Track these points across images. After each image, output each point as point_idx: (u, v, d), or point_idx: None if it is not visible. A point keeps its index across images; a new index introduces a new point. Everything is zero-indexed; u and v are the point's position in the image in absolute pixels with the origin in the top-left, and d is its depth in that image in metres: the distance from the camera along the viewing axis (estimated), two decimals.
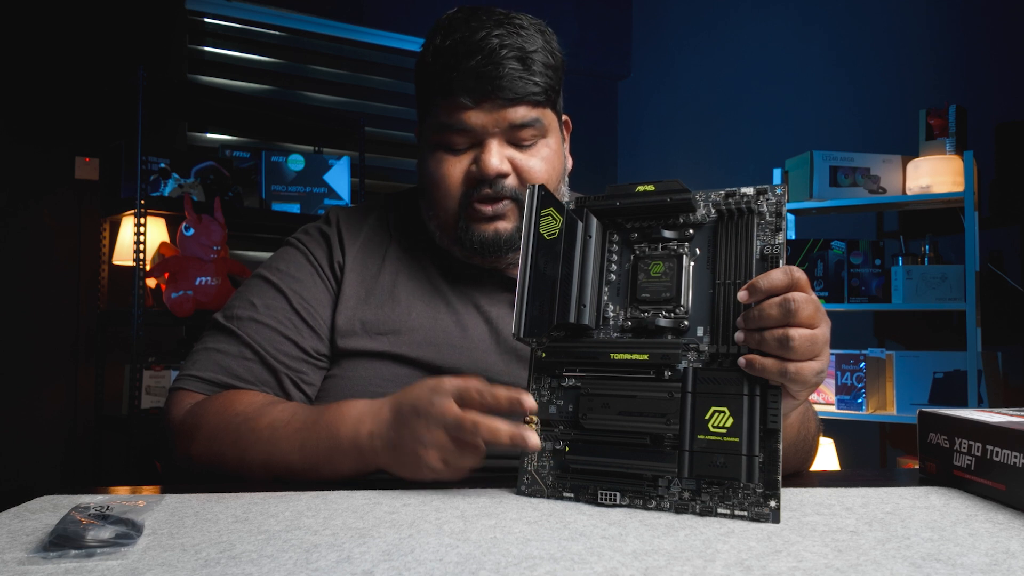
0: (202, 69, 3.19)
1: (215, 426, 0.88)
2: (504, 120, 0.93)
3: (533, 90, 0.93)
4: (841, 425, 2.79)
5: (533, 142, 0.97)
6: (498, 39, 0.92)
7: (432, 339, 0.97)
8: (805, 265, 2.78)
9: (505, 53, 0.91)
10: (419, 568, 0.53)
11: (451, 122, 0.94)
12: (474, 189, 0.95)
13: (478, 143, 0.95)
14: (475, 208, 0.96)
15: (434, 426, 0.73)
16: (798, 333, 0.66)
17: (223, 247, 2.55)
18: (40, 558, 0.54)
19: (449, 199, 0.97)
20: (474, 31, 0.92)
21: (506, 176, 0.95)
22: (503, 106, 0.93)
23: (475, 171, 0.95)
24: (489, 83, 0.91)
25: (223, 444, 0.87)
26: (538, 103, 0.95)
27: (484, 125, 0.93)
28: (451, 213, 0.98)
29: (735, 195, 0.75)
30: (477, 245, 0.97)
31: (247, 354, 0.96)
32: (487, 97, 0.92)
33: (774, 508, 0.66)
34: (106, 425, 2.70)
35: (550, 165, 0.98)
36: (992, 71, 2.79)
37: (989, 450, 0.74)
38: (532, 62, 0.93)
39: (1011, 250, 2.74)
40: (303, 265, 1.02)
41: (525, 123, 0.94)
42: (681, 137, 3.80)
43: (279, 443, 0.83)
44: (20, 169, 2.71)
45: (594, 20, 3.93)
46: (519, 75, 0.92)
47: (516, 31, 0.93)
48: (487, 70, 0.91)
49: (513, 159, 0.95)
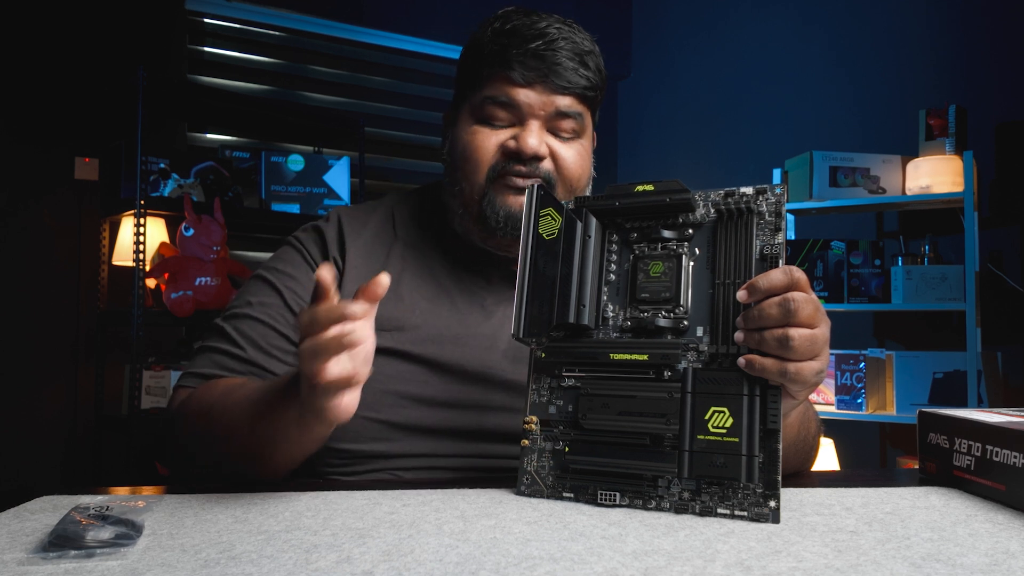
0: (202, 69, 3.19)
1: (196, 409, 0.89)
2: (551, 104, 0.96)
3: (583, 84, 0.96)
4: (841, 425, 2.79)
5: (572, 136, 0.99)
6: (558, 31, 0.96)
7: (435, 336, 0.97)
8: (805, 265, 2.78)
9: (563, 44, 0.95)
10: (419, 568, 0.53)
11: (499, 95, 0.96)
12: (507, 163, 0.97)
13: (519, 122, 0.97)
14: (507, 178, 0.97)
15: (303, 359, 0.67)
16: (798, 333, 0.66)
17: (223, 247, 2.55)
18: (40, 558, 0.54)
19: (479, 171, 0.98)
20: (535, 21, 0.97)
21: (542, 159, 0.97)
22: (554, 91, 0.95)
23: (513, 146, 0.96)
24: (546, 65, 0.94)
25: (201, 424, 0.87)
26: (584, 99, 0.98)
27: (532, 105, 0.96)
28: (478, 186, 0.98)
29: (734, 195, 0.75)
30: (502, 219, 0.97)
31: (240, 350, 0.97)
32: (541, 78, 0.95)
33: (774, 508, 0.66)
34: (106, 425, 2.70)
35: (584, 163, 1.00)
36: (992, 71, 2.79)
37: (989, 450, 0.74)
38: (587, 60, 0.97)
39: (1011, 250, 2.74)
40: (299, 263, 1.03)
41: (570, 113, 0.97)
42: (681, 137, 3.80)
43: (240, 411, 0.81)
44: (20, 169, 2.71)
45: (594, 20, 3.92)
46: (574, 67, 0.96)
47: (574, 32, 0.98)
48: (546, 54, 0.94)
49: (552, 146, 0.98)
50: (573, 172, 0.98)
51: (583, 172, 1.00)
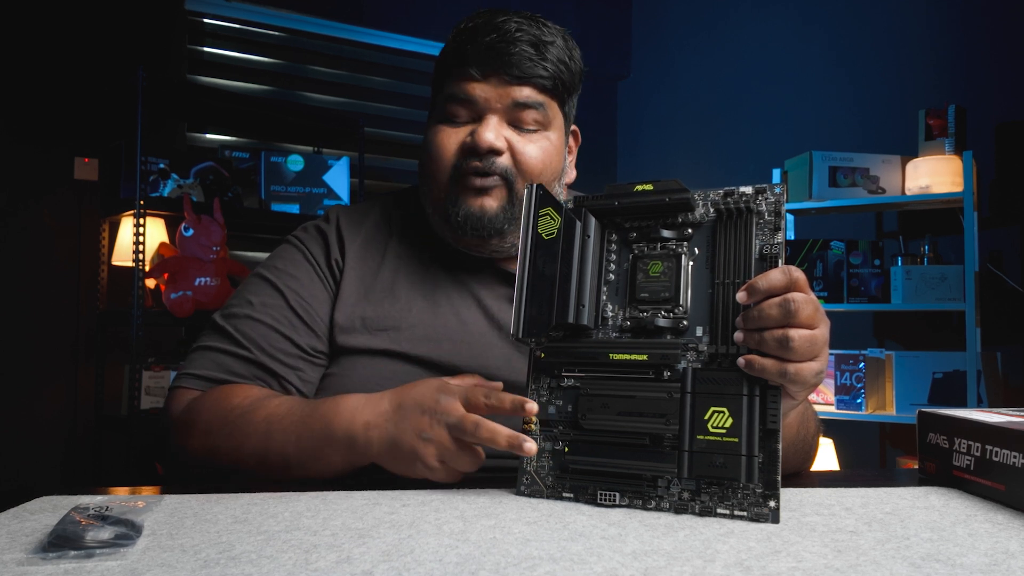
0: (202, 69, 3.19)
1: (211, 420, 0.89)
2: (507, 96, 0.95)
3: (541, 73, 0.95)
4: (840, 425, 2.79)
5: (535, 129, 0.97)
6: (517, 25, 0.95)
7: (432, 335, 0.97)
8: (804, 265, 2.77)
9: (520, 36, 0.94)
10: (418, 568, 0.53)
11: (456, 91, 0.96)
12: (466, 160, 0.96)
13: (479, 117, 0.96)
14: (464, 179, 0.96)
15: (437, 423, 0.74)
16: (798, 334, 0.66)
17: (222, 247, 2.55)
18: (39, 559, 0.54)
19: (442, 171, 0.98)
20: (496, 17, 0.96)
21: (500, 153, 0.95)
22: (509, 83, 0.94)
23: (469, 142, 0.95)
24: (499, 58, 0.93)
25: (219, 437, 0.87)
26: (544, 88, 0.96)
27: (487, 99, 0.95)
28: (442, 186, 0.98)
29: (734, 194, 0.75)
30: (462, 219, 0.97)
31: (243, 351, 0.96)
32: (495, 71, 0.94)
33: (773, 508, 0.66)
34: (106, 425, 2.70)
35: (547, 157, 0.98)
36: (992, 71, 2.79)
37: (988, 450, 0.74)
38: (546, 50, 0.95)
39: (1010, 250, 2.74)
40: (300, 263, 1.02)
41: (528, 103, 0.95)
42: (681, 137, 3.80)
43: (274, 436, 0.83)
44: (20, 169, 2.71)
45: (594, 20, 3.92)
46: (529, 57, 0.94)
47: (538, 25, 0.97)
48: (500, 47, 0.93)
49: (511, 140, 0.96)
50: (533, 166, 0.96)
51: (545, 166, 0.98)
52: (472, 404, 0.74)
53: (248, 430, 0.85)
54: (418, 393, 0.77)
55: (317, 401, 0.85)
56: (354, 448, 0.79)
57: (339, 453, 0.80)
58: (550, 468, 0.76)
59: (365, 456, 0.79)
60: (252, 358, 0.96)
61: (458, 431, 0.73)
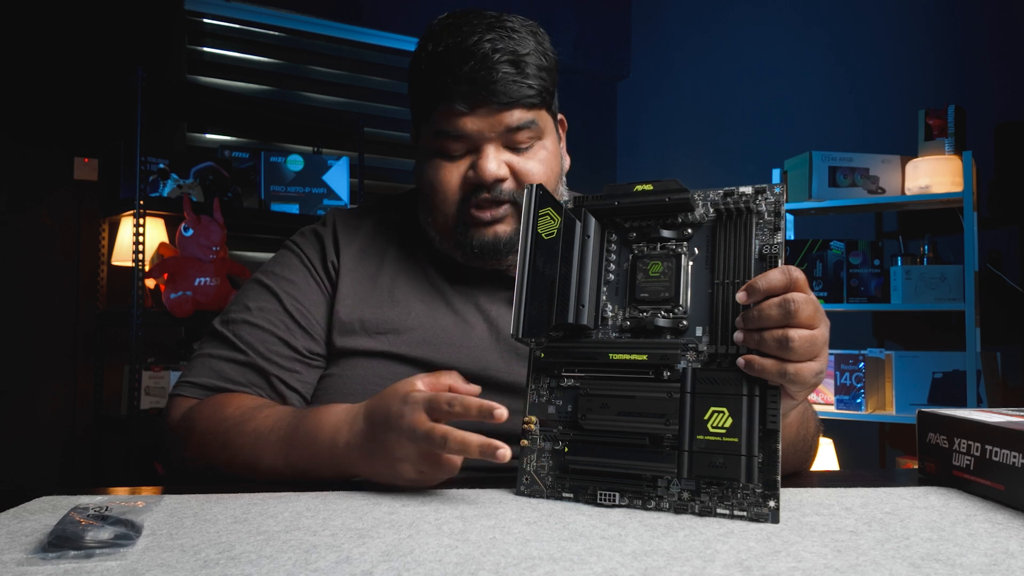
0: (201, 70, 3.18)
1: (205, 431, 0.89)
2: (500, 124, 0.93)
3: (527, 93, 0.93)
4: (840, 425, 2.79)
5: (530, 144, 0.96)
6: (490, 43, 0.92)
7: (431, 338, 0.97)
8: (804, 265, 2.78)
9: (498, 58, 0.91)
10: (418, 569, 0.53)
11: (447, 128, 0.94)
12: (472, 194, 0.95)
13: (475, 149, 0.95)
14: (474, 214, 0.96)
15: (406, 440, 0.73)
16: (798, 334, 0.66)
17: (222, 248, 2.55)
18: (39, 559, 0.54)
19: (447, 205, 0.97)
20: (466, 36, 0.92)
21: (504, 180, 0.95)
22: (498, 110, 0.93)
23: (473, 176, 0.95)
24: (483, 88, 0.91)
25: (212, 448, 0.88)
26: (533, 105, 0.95)
27: (480, 130, 0.93)
28: (450, 219, 0.98)
29: (733, 194, 0.75)
30: (477, 250, 0.97)
31: (239, 357, 0.97)
32: (482, 102, 0.92)
33: (773, 508, 0.66)
34: (105, 426, 2.70)
35: (548, 166, 0.98)
36: (991, 71, 2.79)
37: (988, 450, 0.74)
38: (525, 65, 0.93)
39: (1010, 250, 2.74)
40: (297, 267, 1.03)
41: (521, 126, 0.94)
42: (681, 137, 3.80)
43: (263, 450, 0.83)
44: (20, 169, 2.71)
45: (594, 20, 3.92)
46: (513, 79, 0.92)
47: (508, 34, 0.93)
48: (481, 75, 0.91)
49: (511, 163, 0.95)
50: (537, 180, 0.95)
51: (548, 175, 0.98)
52: (436, 414, 0.72)
53: (239, 442, 0.85)
54: (385, 406, 0.75)
55: (301, 415, 0.84)
56: (340, 468, 0.79)
57: (327, 469, 0.80)
58: (550, 468, 0.76)
59: (351, 472, 0.79)
60: (247, 363, 0.96)
61: (427, 444, 0.71)
